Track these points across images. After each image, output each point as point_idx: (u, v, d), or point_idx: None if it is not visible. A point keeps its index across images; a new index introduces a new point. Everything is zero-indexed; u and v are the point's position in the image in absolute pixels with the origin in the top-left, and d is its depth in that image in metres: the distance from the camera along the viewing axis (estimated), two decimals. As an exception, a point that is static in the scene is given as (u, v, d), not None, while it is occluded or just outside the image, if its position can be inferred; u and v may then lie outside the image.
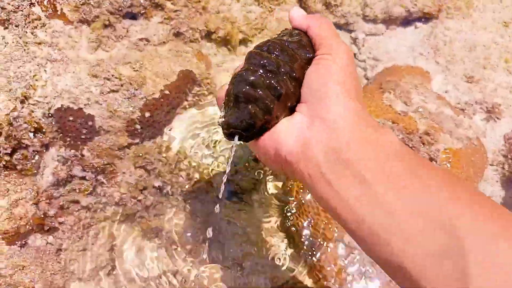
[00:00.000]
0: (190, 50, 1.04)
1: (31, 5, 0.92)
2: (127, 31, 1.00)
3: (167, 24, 1.03)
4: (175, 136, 1.02)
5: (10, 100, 0.86)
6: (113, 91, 0.91)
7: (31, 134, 0.88)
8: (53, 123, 0.91)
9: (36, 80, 0.90)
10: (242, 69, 0.48)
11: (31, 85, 0.89)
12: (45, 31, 0.93)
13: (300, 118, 0.45)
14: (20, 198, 0.86)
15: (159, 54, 1.00)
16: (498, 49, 1.01)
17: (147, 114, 0.94)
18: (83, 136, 0.93)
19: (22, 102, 0.88)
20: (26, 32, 0.91)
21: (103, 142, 0.94)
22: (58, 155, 0.92)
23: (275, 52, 0.49)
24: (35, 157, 0.90)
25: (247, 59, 0.50)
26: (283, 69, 0.47)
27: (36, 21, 0.92)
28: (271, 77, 0.47)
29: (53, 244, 0.91)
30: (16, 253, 0.86)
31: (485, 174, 1.00)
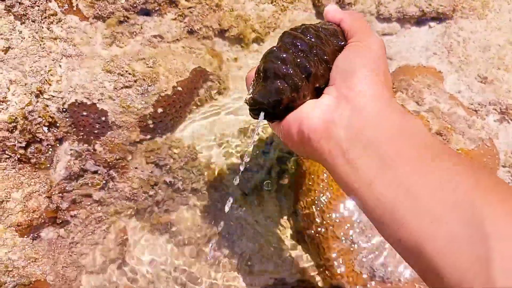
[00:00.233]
0: (203, 48, 1.04)
1: (48, 1, 0.93)
2: (141, 28, 1.01)
3: (181, 21, 1.03)
4: (187, 133, 1.03)
5: (26, 95, 0.87)
6: (127, 87, 0.92)
7: (45, 128, 0.89)
8: (67, 118, 0.92)
9: (51, 75, 0.91)
10: (274, 46, 0.48)
11: (46, 80, 0.90)
12: (61, 27, 0.94)
13: (327, 99, 0.45)
14: (34, 191, 0.87)
15: (173, 51, 1.00)
16: (513, 50, 1.00)
17: (160, 110, 0.94)
18: (96, 131, 0.93)
19: (37, 97, 0.89)
20: (42, 27, 0.92)
21: (116, 137, 0.94)
22: (71, 149, 0.93)
23: (309, 35, 0.49)
24: (49, 151, 0.91)
25: (281, 38, 0.50)
26: (315, 51, 0.48)
27: (52, 17, 0.93)
28: (302, 56, 0.47)
29: (65, 237, 0.92)
30: (29, 245, 0.87)
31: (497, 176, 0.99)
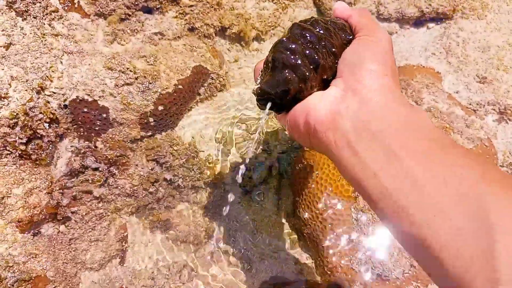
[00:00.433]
0: (204, 46, 1.04)
1: (49, -3, 0.93)
2: (142, 25, 1.01)
3: (182, 19, 1.03)
4: (187, 130, 1.03)
5: (27, 91, 0.87)
6: (128, 84, 0.92)
7: (46, 125, 0.89)
8: (68, 114, 0.92)
9: (53, 72, 0.91)
10: (283, 37, 0.49)
11: (48, 76, 0.90)
12: (62, 23, 0.94)
13: (334, 91, 0.46)
14: (35, 187, 0.88)
15: (174, 49, 1.00)
16: (512, 51, 1.01)
17: (161, 108, 0.94)
18: (97, 128, 0.94)
19: (38, 93, 0.89)
20: (44, 24, 0.92)
21: (116, 134, 0.95)
22: (72, 146, 0.93)
23: (318, 28, 0.49)
24: (50, 148, 0.91)
25: (290, 29, 0.50)
26: (323, 43, 0.48)
27: (54, 13, 0.93)
28: (311, 48, 0.47)
29: (65, 234, 0.92)
30: (29, 241, 0.87)
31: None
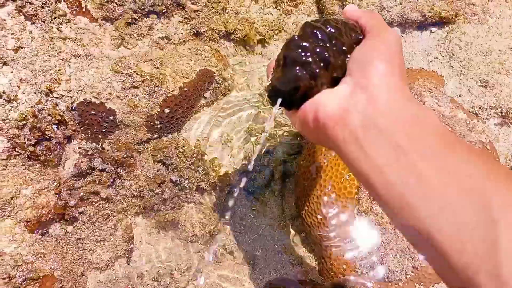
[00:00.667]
0: (209, 50, 1.06)
1: (57, 1, 0.95)
2: (149, 30, 1.03)
3: (187, 24, 1.05)
4: (193, 132, 1.05)
5: (35, 93, 0.89)
6: (134, 87, 0.94)
7: (55, 127, 0.91)
8: (76, 116, 0.94)
9: (61, 75, 0.93)
10: (295, 35, 0.50)
11: (56, 79, 0.92)
12: (70, 27, 0.96)
13: (343, 88, 0.47)
14: (43, 188, 0.89)
15: (179, 53, 1.02)
16: (513, 55, 1.02)
17: (167, 110, 0.96)
18: (104, 130, 0.95)
19: (47, 95, 0.91)
20: (52, 28, 0.94)
21: (123, 136, 0.96)
22: (80, 147, 0.95)
23: (329, 27, 0.51)
24: (58, 149, 0.93)
25: (302, 28, 0.51)
26: (334, 42, 0.49)
27: (62, 17, 0.95)
28: (321, 46, 0.49)
29: (73, 234, 0.93)
30: (37, 241, 0.89)
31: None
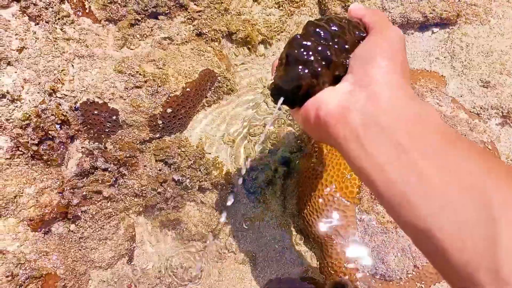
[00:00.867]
0: (211, 50, 1.07)
1: (61, 2, 0.96)
2: (152, 30, 1.03)
3: (190, 24, 1.06)
4: (195, 132, 1.05)
5: (39, 93, 0.89)
6: (137, 87, 0.94)
7: (58, 126, 0.92)
8: (79, 116, 0.95)
9: (64, 75, 0.93)
10: (298, 34, 0.51)
11: (59, 79, 0.92)
12: (74, 28, 0.97)
13: (344, 86, 0.47)
14: (46, 187, 0.90)
15: (182, 53, 1.03)
16: (515, 56, 1.02)
17: (169, 110, 0.97)
18: (107, 129, 0.96)
19: (50, 95, 0.91)
20: (56, 28, 0.94)
21: (126, 136, 0.97)
22: (83, 147, 0.96)
23: (332, 25, 0.51)
24: (61, 148, 0.94)
25: (305, 27, 0.51)
26: (336, 40, 0.49)
27: (66, 18, 0.95)
28: (324, 44, 0.49)
29: (75, 232, 0.94)
30: (40, 240, 0.90)
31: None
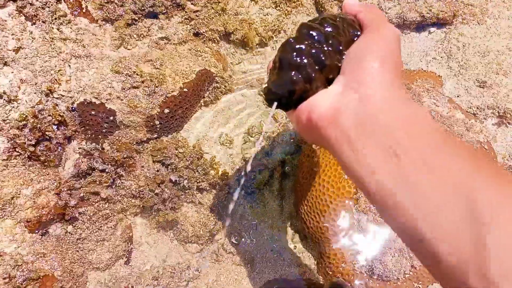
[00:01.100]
0: (209, 50, 1.06)
1: (58, 2, 0.95)
2: (149, 30, 1.03)
3: (187, 24, 1.05)
4: (192, 133, 1.05)
5: (36, 94, 0.89)
6: (134, 87, 0.94)
7: (55, 127, 0.92)
8: (76, 117, 0.94)
9: (61, 75, 0.93)
10: (291, 37, 0.50)
11: (56, 80, 0.92)
12: (71, 28, 0.96)
13: (335, 88, 0.47)
14: (43, 188, 0.89)
15: (179, 53, 1.02)
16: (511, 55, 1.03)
17: (166, 111, 0.96)
18: (104, 130, 0.96)
19: (47, 96, 0.91)
20: (53, 28, 0.94)
21: (123, 136, 0.96)
22: (80, 148, 0.95)
23: (326, 25, 0.50)
24: (58, 149, 0.93)
25: (298, 29, 0.50)
26: (331, 41, 0.48)
27: (62, 18, 0.95)
28: (318, 48, 0.48)
29: (73, 234, 0.94)
30: (38, 241, 0.89)
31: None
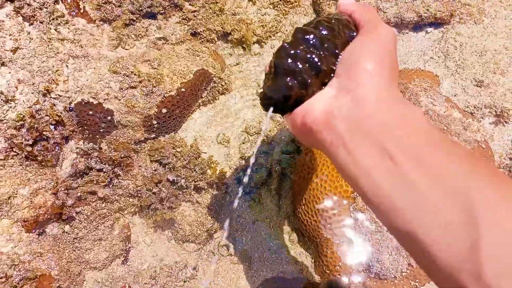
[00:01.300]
0: (206, 50, 1.07)
1: (56, 3, 0.96)
2: (147, 30, 1.03)
3: (185, 24, 1.06)
4: (190, 132, 1.05)
5: (33, 94, 0.89)
6: (132, 87, 0.94)
7: (52, 127, 0.92)
8: (73, 117, 0.94)
9: (58, 75, 0.93)
10: (286, 42, 0.49)
11: (53, 80, 0.92)
12: (68, 28, 0.97)
13: (328, 91, 0.47)
14: (40, 188, 0.90)
15: (177, 53, 1.02)
16: (509, 55, 1.03)
17: (164, 110, 0.96)
18: (102, 130, 0.96)
19: (45, 96, 0.91)
20: (50, 29, 0.94)
21: (121, 136, 0.97)
22: (77, 148, 0.95)
23: (321, 29, 0.49)
24: (55, 149, 0.93)
25: (293, 34, 0.49)
26: (327, 45, 0.48)
27: (60, 19, 0.95)
28: (313, 52, 0.47)
29: (70, 233, 0.94)
30: (35, 241, 0.89)
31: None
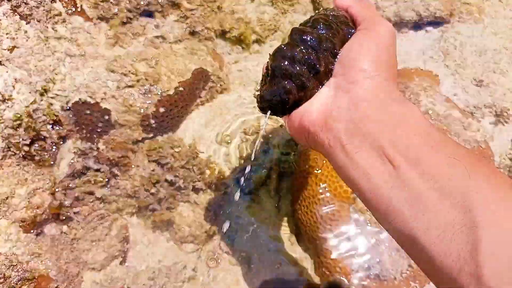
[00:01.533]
0: (205, 49, 1.06)
1: (53, 1, 0.95)
2: (144, 29, 1.03)
3: (183, 23, 1.05)
4: (188, 132, 1.05)
5: (30, 93, 0.89)
6: (129, 87, 0.94)
7: (49, 126, 0.91)
8: (71, 116, 0.94)
9: (56, 74, 0.93)
10: (283, 44, 0.47)
11: (51, 79, 0.92)
12: (65, 27, 0.96)
13: (326, 91, 0.46)
14: (38, 188, 0.89)
15: (175, 52, 1.02)
16: (508, 54, 1.03)
17: (162, 110, 0.96)
18: (99, 130, 0.95)
19: (42, 95, 0.91)
20: (47, 27, 0.94)
21: (118, 136, 0.96)
22: (75, 147, 0.95)
23: (319, 27, 0.48)
24: (53, 149, 0.93)
25: (290, 35, 0.48)
26: (325, 45, 0.46)
27: (57, 17, 0.95)
28: (311, 53, 0.46)
29: (68, 234, 0.93)
30: (33, 241, 0.89)
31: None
